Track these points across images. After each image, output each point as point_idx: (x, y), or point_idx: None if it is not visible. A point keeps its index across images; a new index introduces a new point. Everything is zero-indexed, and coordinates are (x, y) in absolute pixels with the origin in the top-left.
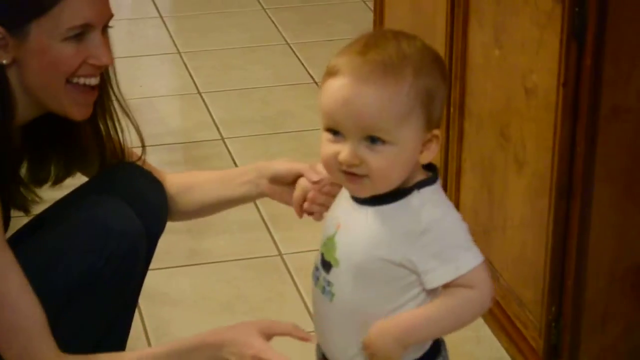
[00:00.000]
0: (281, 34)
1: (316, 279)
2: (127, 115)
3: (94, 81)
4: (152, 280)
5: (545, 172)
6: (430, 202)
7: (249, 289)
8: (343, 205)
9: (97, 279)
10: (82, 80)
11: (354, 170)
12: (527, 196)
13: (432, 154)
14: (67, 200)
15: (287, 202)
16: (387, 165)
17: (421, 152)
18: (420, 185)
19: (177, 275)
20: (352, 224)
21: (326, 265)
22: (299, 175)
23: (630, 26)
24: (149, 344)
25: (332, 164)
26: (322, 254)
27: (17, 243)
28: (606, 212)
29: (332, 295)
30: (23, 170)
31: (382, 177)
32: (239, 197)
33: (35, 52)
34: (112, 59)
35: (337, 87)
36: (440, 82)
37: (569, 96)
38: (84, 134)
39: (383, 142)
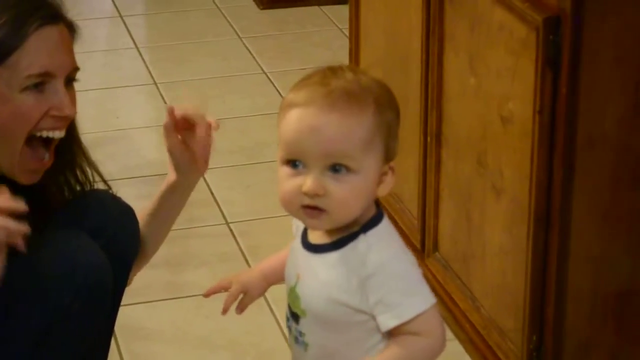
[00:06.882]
0: (257, 63)
1: (289, 329)
2: (93, 167)
3: (57, 134)
4: (131, 315)
5: (523, 200)
6: (375, 245)
7: (228, 322)
8: (299, 254)
9: (66, 315)
10: (44, 134)
11: (317, 202)
12: (505, 224)
13: (388, 187)
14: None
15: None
16: (350, 195)
17: (378, 184)
18: (367, 227)
19: (155, 310)
20: (309, 274)
21: (295, 316)
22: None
23: (605, 54)
24: None
25: (293, 199)
26: (290, 305)
27: None
28: (585, 239)
29: (306, 345)
30: None
31: (344, 208)
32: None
33: None
34: (74, 111)
35: (301, 117)
36: (396, 116)
37: (545, 124)
38: (53, 196)
39: (347, 170)
